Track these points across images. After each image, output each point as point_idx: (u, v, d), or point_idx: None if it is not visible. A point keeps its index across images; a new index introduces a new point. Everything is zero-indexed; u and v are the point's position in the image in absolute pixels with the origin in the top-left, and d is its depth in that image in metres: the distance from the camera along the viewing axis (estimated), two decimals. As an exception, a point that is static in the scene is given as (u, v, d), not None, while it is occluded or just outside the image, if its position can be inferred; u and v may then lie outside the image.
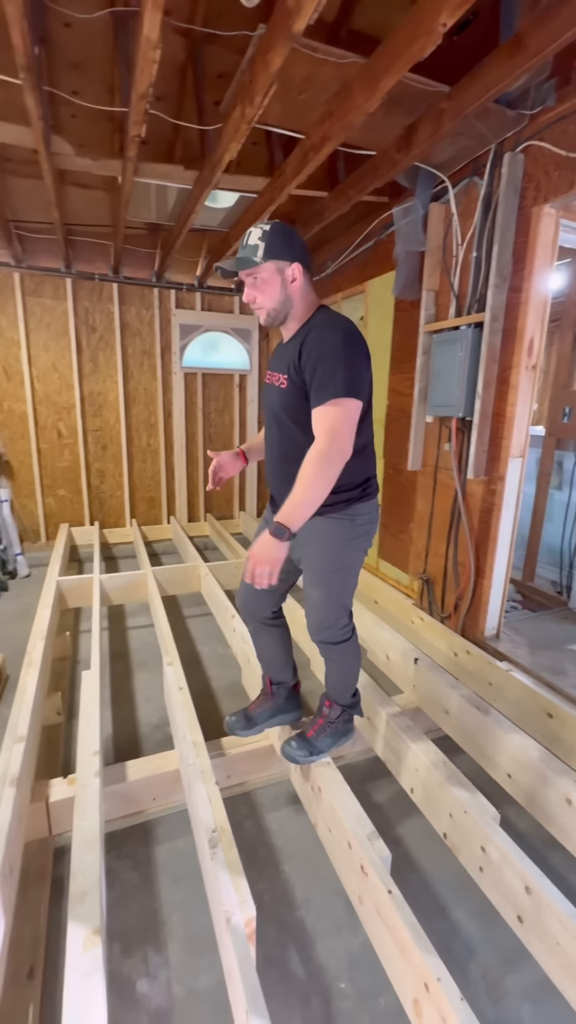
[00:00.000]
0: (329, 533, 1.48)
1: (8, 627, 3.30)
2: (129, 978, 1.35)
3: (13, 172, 3.21)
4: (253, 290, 1.39)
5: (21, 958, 1.35)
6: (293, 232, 1.38)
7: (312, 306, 1.43)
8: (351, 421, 1.30)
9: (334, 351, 1.29)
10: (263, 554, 1.26)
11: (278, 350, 1.52)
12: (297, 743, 1.69)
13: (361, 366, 1.33)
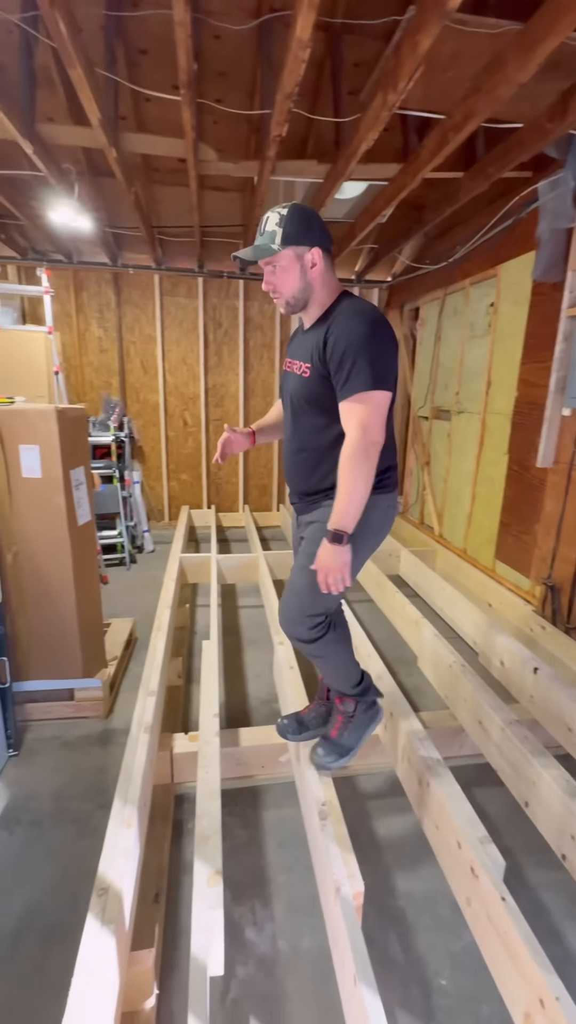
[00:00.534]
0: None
1: (136, 596, 3.68)
2: (239, 924, 1.47)
3: (160, 182, 3.51)
4: (272, 278, 1.34)
5: (148, 884, 1.53)
6: (313, 214, 1.32)
7: (334, 292, 1.38)
8: (381, 413, 1.27)
9: (361, 342, 1.24)
10: (330, 563, 1.28)
11: (298, 338, 1.48)
12: (324, 749, 1.60)
13: (389, 356, 1.29)
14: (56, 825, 1.78)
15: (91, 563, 2.41)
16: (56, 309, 4.41)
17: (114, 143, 2.40)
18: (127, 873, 1.19)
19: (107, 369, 4.70)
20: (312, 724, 1.76)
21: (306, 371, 1.37)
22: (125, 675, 2.67)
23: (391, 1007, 1.27)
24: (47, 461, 2.04)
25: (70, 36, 1.64)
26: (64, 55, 1.73)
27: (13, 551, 2.09)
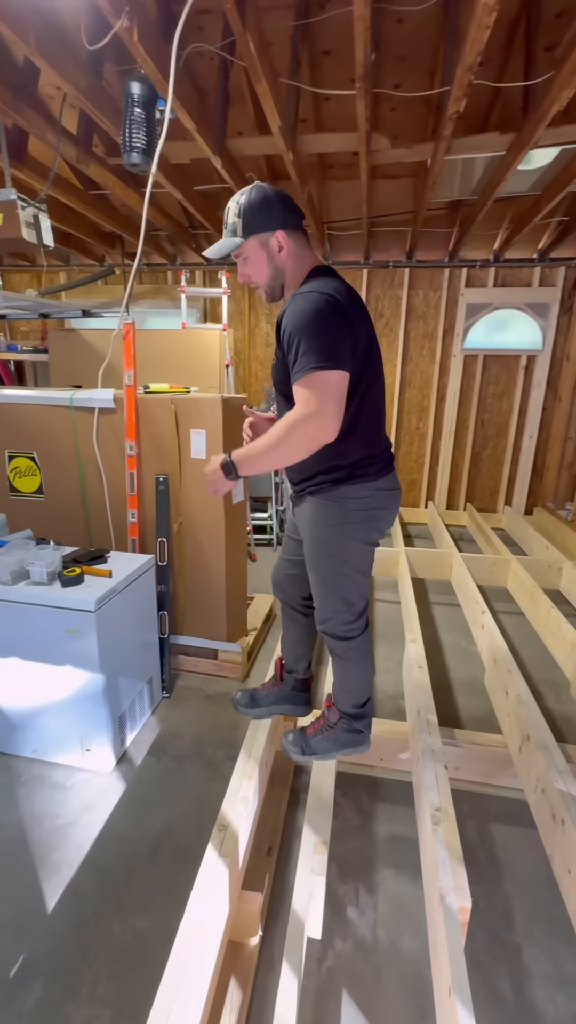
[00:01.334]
0: (314, 515, 1.39)
1: (279, 575, 3.91)
2: (342, 900, 1.51)
3: (333, 177, 3.60)
4: (244, 268, 1.31)
5: (263, 837, 1.67)
6: (271, 195, 1.25)
7: (305, 270, 1.30)
8: (330, 391, 1.14)
9: (305, 320, 1.14)
10: (211, 473, 1.31)
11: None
12: (294, 737, 1.61)
13: (338, 331, 1.16)
14: (193, 763, 2.02)
15: (241, 539, 2.65)
16: (231, 308, 4.84)
17: (291, 147, 2.54)
18: (244, 818, 1.31)
19: (271, 362, 5.02)
20: (264, 702, 1.80)
21: (278, 356, 1.32)
22: (262, 647, 2.88)
23: (492, 1040, 1.19)
24: (211, 444, 2.28)
25: (258, 53, 1.79)
26: (252, 72, 1.88)
27: (179, 521, 2.40)
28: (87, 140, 2.67)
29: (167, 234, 4.43)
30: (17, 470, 2.58)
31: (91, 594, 1.79)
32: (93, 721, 1.89)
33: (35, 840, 1.67)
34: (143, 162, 1.86)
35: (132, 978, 1.30)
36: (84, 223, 4.05)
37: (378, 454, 1.37)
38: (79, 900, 1.49)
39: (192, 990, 0.94)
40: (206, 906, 1.09)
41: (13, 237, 2.00)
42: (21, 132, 2.65)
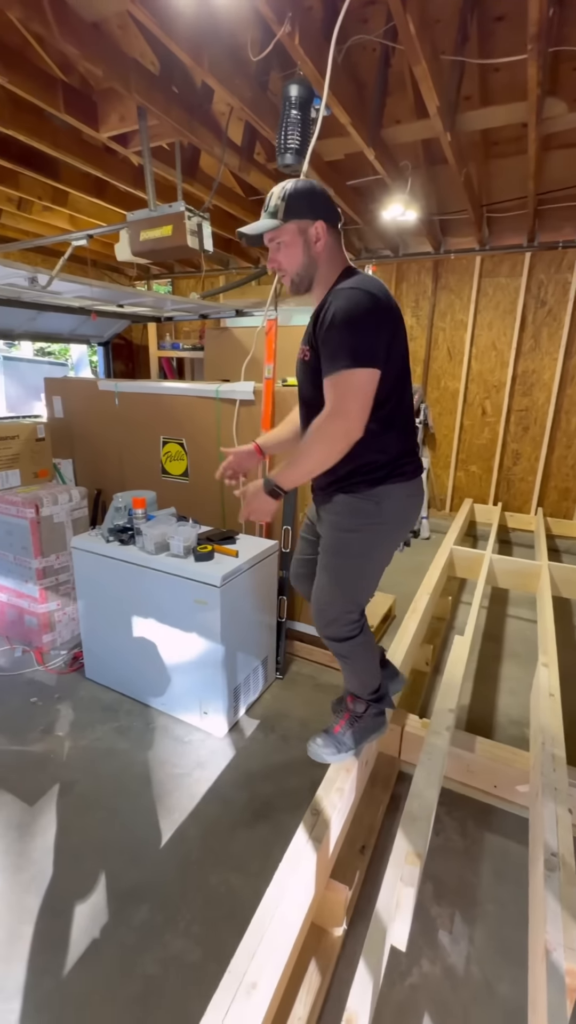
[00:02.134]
0: (347, 512, 1.33)
1: (403, 577, 3.79)
2: (434, 921, 1.43)
3: (498, 155, 3.32)
4: (276, 255, 1.28)
5: (358, 834, 1.65)
6: (318, 188, 1.26)
7: (338, 268, 1.29)
8: (362, 393, 1.16)
9: (345, 316, 1.14)
10: (258, 507, 1.29)
11: (309, 323, 1.32)
12: (323, 740, 1.55)
13: (376, 331, 1.17)
14: (297, 747, 2.08)
15: (364, 535, 2.62)
16: (377, 302, 4.77)
17: (449, 128, 2.40)
18: (338, 808, 1.32)
19: (413, 357, 4.85)
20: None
21: (307, 354, 1.30)
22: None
23: None
24: (341, 437, 2.30)
25: (418, 32, 1.72)
26: (411, 54, 1.82)
27: (304, 511, 2.46)
28: (250, 149, 2.85)
29: (318, 232, 4.53)
30: (168, 454, 2.89)
31: (218, 571, 1.94)
32: (211, 687, 2.06)
33: (155, 782, 1.88)
34: (296, 162, 1.93)
35: (222, 927, 1.40)
36: (243, 228, 4.34)
37: (414, 451, 1.37)
38: (185, 844, 1.64)
39: (271, 953, 0.98)
40: (292, 880, 1.12)
41: (179, 245, 2.23)
42: (194, 149, 2.93)
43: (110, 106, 2.34)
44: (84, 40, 1.80)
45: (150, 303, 3.79)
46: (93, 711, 2.24)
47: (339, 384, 1.16)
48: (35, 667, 2.55)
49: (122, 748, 2.04)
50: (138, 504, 2.17)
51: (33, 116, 2.44)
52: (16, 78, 1.98)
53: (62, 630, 2.74)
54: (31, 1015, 1.20)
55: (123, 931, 1.39)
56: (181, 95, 2.29)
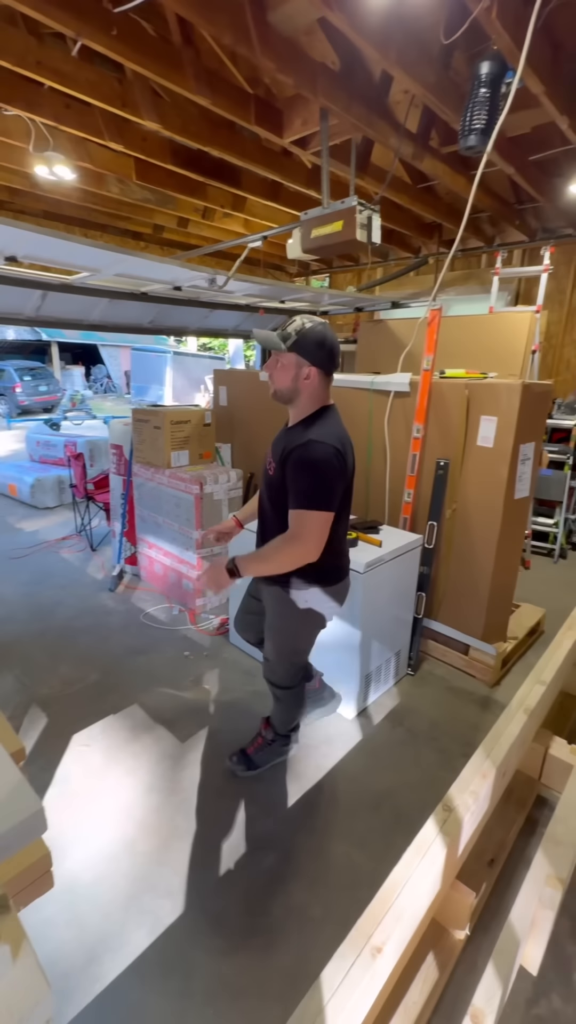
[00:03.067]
0: (277, 602, 1.60)
1: (555, 590, 3.44)
2: (570, 960, 1.32)
3: None
4: (272, 368, 1.47)
5: (487, 847, 1.58)
6: (328, 341, 1.43)
7: (317, 404, 1.48)
8: (319, 530, 1.39)
9: (313, 465, 1.37)
10: (213, 573, 1.50)
11: (280, 434, 1.56)
12: (237, 758, 1.89)
13: (336, 481, 1.40)
14: (426, 744, 2.05)
15: (516, 539, 2.45)
16: (550, 287, 4.32)
17: None
18: (472, 811, 1.28)
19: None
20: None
21: (272, 468, 1.50)
22: (520, 659, 2.63)
23: None
24: (501, 433, 2.17)
25: None
26: (631, 2, 1.61)
27: (453, 507, 2.38)
28: (425, 135, 2.79)
29: (489, 215, 4.25)
30: (318, 443, 3.00)
31: (362, 558, 1.98)
32: (345, 670, 2.12)
33: (286, 747, 2.01)
34: (479, 143, 1.85)
35: (342, 895, 1.46)
36: (407, 217, 4.25)
37: (343, 563, 1.64)
38: (310, 809, 1.74)
39: (397, 923, 1.01)
40: (420, 864, 1.13)
41: (349, 239, 2.29)
42: (367, 144, 2.96)
43: (294, 112, 2.48)
44: (280, 54, 1.94)
45: (309, 298, 3.95)
46: (235, 672, 2.47)
47: (302, 518, 1.39)
48: (188, 626, 2.88)
49: (257, 711, 2.21)
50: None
51: (225, 131, 2.70)
52: (218, 99, 2.21)
53: (211, 597, 3.05)
54: (176, 916, 1.40)
55: (255, 871, 1.53)
56: (361, 90, 2.34)
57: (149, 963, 1.30)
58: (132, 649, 2.63)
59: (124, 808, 1.73)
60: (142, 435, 3.06)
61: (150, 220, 4.31)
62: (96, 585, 3.34)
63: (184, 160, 3.00)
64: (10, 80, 2.20)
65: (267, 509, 1.58)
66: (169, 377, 13.24)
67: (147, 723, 2.12)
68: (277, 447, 1.51)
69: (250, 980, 1.27)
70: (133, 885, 1.48)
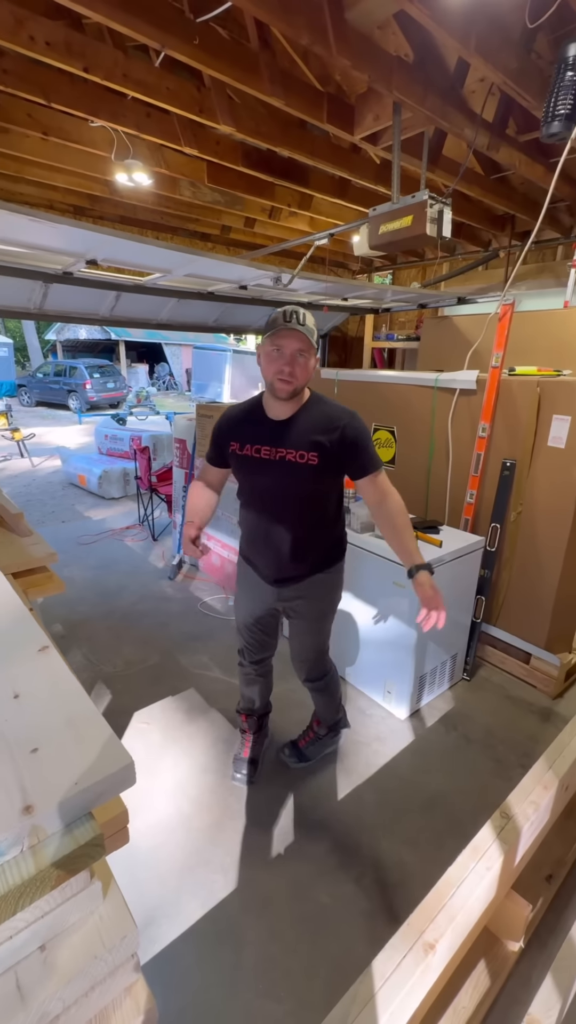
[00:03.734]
0: (327, 588, 1.67)
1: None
2: None
3: None
4: (295, 366, 1.38)
5: (545, 861, 1.52)
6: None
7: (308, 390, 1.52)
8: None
9: (368, 433, 1.51)
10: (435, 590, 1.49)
11: (266, 427, 1.49)
12: (289, 751, 1.94)
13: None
14: (481, 751, 2.00)
15: (587, 545, 2.32)
16: None
17: None
18: (531, 820, 1.25)
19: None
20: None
21: (315, 459, 1.44)
22: (586, 672, 2.50)
23: None
24: (575, 433, 2.06)
25: None
26: None
27: (518, 510, 2.29)
28: (502, 124, 2.69)
29: (567, 204, 4.03)
30: (377, 441, 2.98)
31: (420, 557, 1.95)
32: (398, 670, 2.11)
33: (340, 744, 2.02)
34: (564, 129, 1.76)
35: (391, 891, 1.46)
36: (477, 210, 4.11)
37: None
38: (360, 805, 1.75)
39: (451, 922, 1.00)
40: (476, 867, 1.12)
41: (418, 234, 2.26)
42: (440, 136, 2.90)
43: (367, 108, 2.47)
44: (356, 51, 1.94)
45: (372, 295, 3.92)
46: (286, 664, 2.49)
47: (385, 479, 1.50)
48: (243, 617, 2.95)
49: (308, 701, 2.23)
50: (348, 485, 2.31)
51: (296, 130, 2.73)
52: (291, 99, 2.24)
53: (266, 590, 3.11)
54: (228, 891, 1.46)
55: (304, 859, 1.56)
56: (435, 81, 2.29)
57: (202, 933, 1.36)
58: (190, 635, 2.73)
59: (181, 785, 1.81)
60: (205, 430, 3.16)
61: (218, 221, 4.43)
62: (157, 573, 3.49)
63: (254, 161, 3.05)
64: (97, 93, 2.33)
65: (306, 502, 1.51)
66: (228, 375, 13.53)
67: (202, 707, 2.20)
68: (295, 438, 1.45)
69: (298, 962, 1.30)
70: (189, 858, 1.55)
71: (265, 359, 1.41)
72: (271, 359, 1.39)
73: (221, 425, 1.58)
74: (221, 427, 1.58)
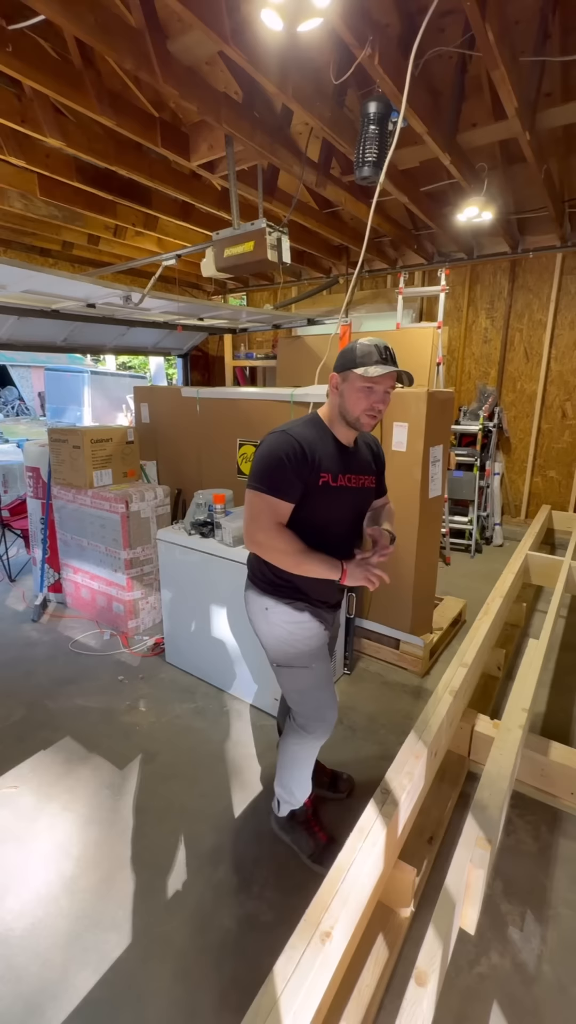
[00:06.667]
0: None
1: (473, 583, 3.71)
2: (504, 917, 1.43)
3: (582, 148, 3.22)
4: (385, 404, 1.37)
5: (426, 825, 1.67)
6: None
7: None
8: None
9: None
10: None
11: (344, 456, 1.42)
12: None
13: None
14: (365, 738, 2.13)
15: (433, 536, 2.63)
16: (449, 305, 4.73)
17: (528, 127, 2.39)
18: (408, 791, 1.36)
19: (487, 359, 4.75)
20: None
21: (371, 482, 1.53)
22: (446, 648, 2.81)
23: None
24: (412, 437, 2.33)
25: (497, 40, 1.76)
26: (489, 60, 1.86)
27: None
28: (326, 165, 2.98)
29: (390, 239, 4.58)
30: (244, 456, 3.05)
31: (291, 563, 2.03)
32: (283, 675, 2.15)
33: (230, 760, 2.00)
34: (373, 174, 2.02)
35: (294, 895, 1.47)
36: (316, 240, 4.48)
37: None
38: (258, 816, 1.74)
39: (344, 906, 1.04)
40: (363, 846, 1.18)
41: (260, 259, 2.39)
42: (274, 170, 3.11)
43: (200, 137, 2.56)
44: (182, 81, 2.00)
45: (227, 315, 4.02)
46: (172, 692, 2.42)
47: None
48: (121, 649, 2.78)
49: (199, 727, 2.18)
50: (218, 500, 2.33)
51: (133, 152, 2.72)
52: (123, 120, 2.23)
53: (145, 617, 2.97)
54: (123, 947, 1.35)
55: (203, 887, 1.50)
56: (263, 120, 2.46)
57: (97, 1003, 1.23)
58: (61, 680, 2.49)
59: (61, 846, 1.63)
60: (60, 455, 2.95)
61: (58, 236, 4.20)
62: (17, 617, 3.14)
63: (90, 178, 2.97)
64: None
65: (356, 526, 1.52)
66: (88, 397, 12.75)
67: (82, 754, 2.02)
68: (362, 465, 1.48)
69: (207, 996, 1.25)
70: (74, 924, 1.40)
71: (353, 393, 1.33)
72: (363, 394, 1.32)
73: (302, 457, 1.31)
74: (303, 458, 1.31)
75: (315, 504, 1.36)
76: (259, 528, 1.32)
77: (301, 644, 1.45)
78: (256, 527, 1.33)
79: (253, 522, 1.33)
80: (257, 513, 1.32)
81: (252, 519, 1.33)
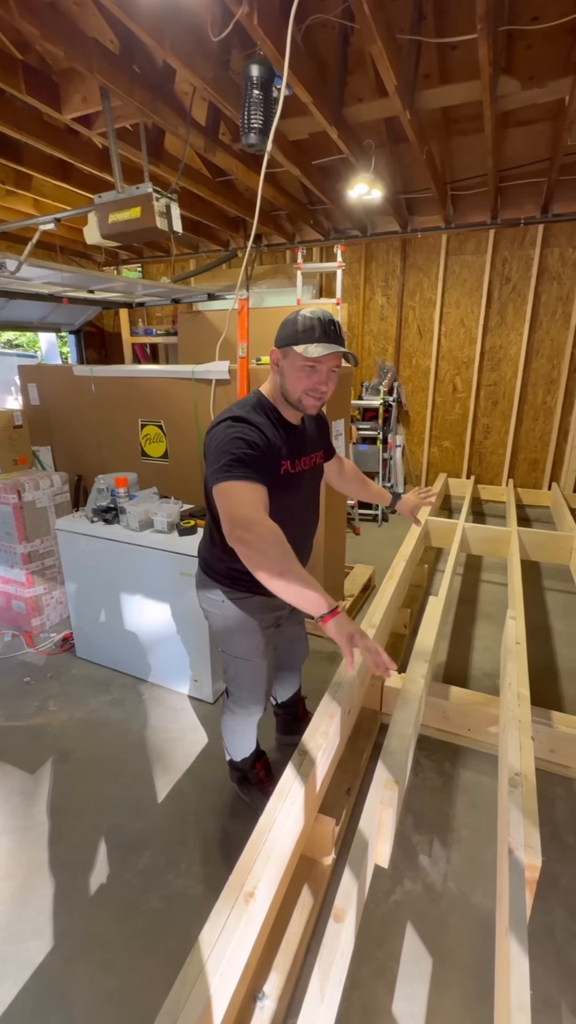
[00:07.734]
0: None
1: (381, 550, 3.93)
2: (415, 848, 1.57)
3: (459, 132, 3.39)
4: (331, 381, 1.27)
5: (344, 779, 1.77)
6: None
7: None
8: None
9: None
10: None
11: (295, 434, 1.35)
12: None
13: None
14: (285, 707, 2.19)
15: (340, 507, 2.73)
16: (346, 282, 4.83)
17: (408, 106, 2.46)
18: (324, 749, 1.43)
19: (384, 336, 4.95)
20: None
21: (321, 456, 1.49)
22: (358, 613, 2.96)
23: (559, 1002, 1.18)
24: (315, 413, 2.38)
25: (372, 13, 1.78)
26: (367, 33, 1.87)
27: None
28: (214, 129, 2.86)
29: (287, 213, 4.54)
30: (147, 437, 2.93)
31: (195, 543, 2.01)
32: (200, 655, 2.15)
33: (151, 746, 1.97)
34: (260, 142, 1.97)
35: (221, 866, 1.51)
36: (212, 210, 4.33)
37: None
38: (183, 798, 1.75)
39: (266, 866, 1.09)
40: (283, 807, 1.23)
41: (148, 227, 2.26)
42: (158, 130, 2.93)
43: (72, 87, 2.33)
44: (42, 19, 1.80)
45: (120, 288, 3.78)
46: (86, 687, 2.32)
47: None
48: (26, 650, 2.60)
49: (117, 718, 2.12)
50: (120, 484, 2.23)
51: (-6, 98, 2.42)
52: (-24, 59, 1.97)
53: (50, 613, 2.79)
54: (45, 952, 1.30)
55: (128, 875, 1.49)
56: (143, 75, 2.30)
57: (20, 1011, 1.18)
58: (-44, 689, 2.28)
59: (-33, 864, 1.52)
60: None
61: None
62: None
63: (-56, 124, 2.60)
64: None
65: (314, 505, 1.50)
66: (-32, 378, 11.46)
67: (-14, 765, 1.88)
68: (313, 443, 1.43)
69: (138, 980, 1.25)
70: (-11, 940, 1.32)
71: (293, 371, 1.23)
72: (303, 374, 1.22)
73: (260, 443, 1.19)
74: (261, 445, 1.19)
75: (279, 496, 1.23)
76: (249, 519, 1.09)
77: (250, 639, 1.46)
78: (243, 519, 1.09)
79: (238, 512, 1.10)
80: (238, 504, 1.11)
81: (233, 514, 1.11)
